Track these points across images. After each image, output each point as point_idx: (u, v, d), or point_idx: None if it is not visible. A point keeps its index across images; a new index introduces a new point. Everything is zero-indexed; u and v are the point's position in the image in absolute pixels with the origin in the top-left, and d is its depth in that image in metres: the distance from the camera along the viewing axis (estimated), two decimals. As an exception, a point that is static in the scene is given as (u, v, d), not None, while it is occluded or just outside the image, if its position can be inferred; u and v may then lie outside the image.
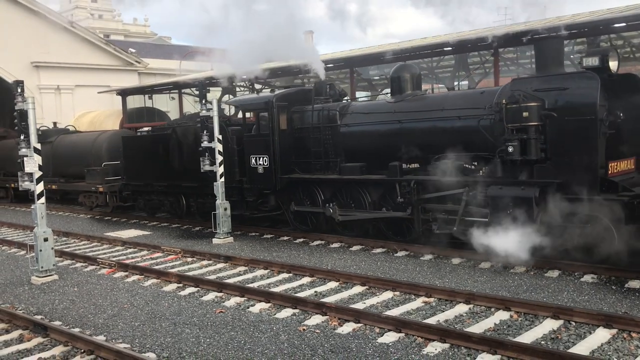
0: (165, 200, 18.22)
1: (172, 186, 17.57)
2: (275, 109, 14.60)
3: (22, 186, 11.85)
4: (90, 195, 21.59)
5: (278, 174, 14.60)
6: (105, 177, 20.58)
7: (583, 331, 7.40)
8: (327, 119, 14.16)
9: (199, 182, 16.14)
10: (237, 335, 7.85)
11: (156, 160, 17.80)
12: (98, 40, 36.26)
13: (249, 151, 15.16)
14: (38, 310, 9.52)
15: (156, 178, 18.04)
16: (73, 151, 23.12)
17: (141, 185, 18.79)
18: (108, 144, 21.93)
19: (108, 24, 65.94)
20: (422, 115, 12.48)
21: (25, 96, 11.46)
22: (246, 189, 15.42)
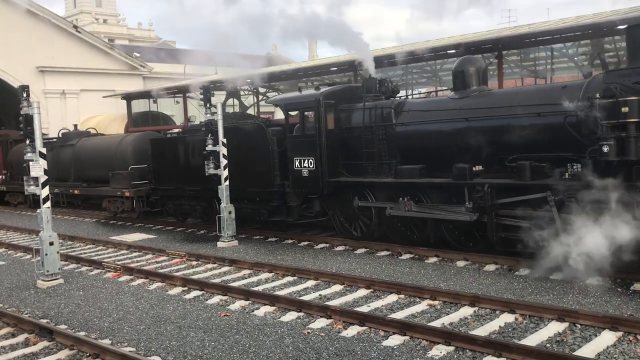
0: (197, 206, 17.29)
1: (205, 190, 16.57)
2: (322, 107, 13.67)
3: (27, 190, 11.88)
4: (115, 201, 20.63)
5: (325, 177, 13.68)
6: (131, 181, 19.67)
7: (589, 334, 7.37)
8: (380, 117, 13.17)
9: (236, 186, 15.42)
10: (242, 339, 7.85)
11: (188, 163, 17.02)
12: (103, 45, 36.44)
13: (292, 153, 14.23)
14: (44, 314, 9.55)
15: (187, 182, 17.21)
16: (96, 154, 22.24)
17: (171, 190, 17.97)
18: (134, 146, 20.92)
19: (113, 29, 66.21)
20: (495, 112, 11.35)
21: (31, 101, 11.51)
22: (288, 193, 14.46)
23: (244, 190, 15.30)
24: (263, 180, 14.86)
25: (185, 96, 30.64)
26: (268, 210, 15.06)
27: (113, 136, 24.49)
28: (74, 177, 22.67)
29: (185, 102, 31.01)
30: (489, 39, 17.87)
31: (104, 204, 21.26)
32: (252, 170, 15.16)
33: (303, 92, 15.07)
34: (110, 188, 20.43)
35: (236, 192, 15.33)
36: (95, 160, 21.99)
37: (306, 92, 15.18)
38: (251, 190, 15.22)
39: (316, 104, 13.72)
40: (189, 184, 17.17)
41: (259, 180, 14.99)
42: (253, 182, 15.04)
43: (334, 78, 27.38)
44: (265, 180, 14.76)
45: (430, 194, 12.37)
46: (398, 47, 23.13)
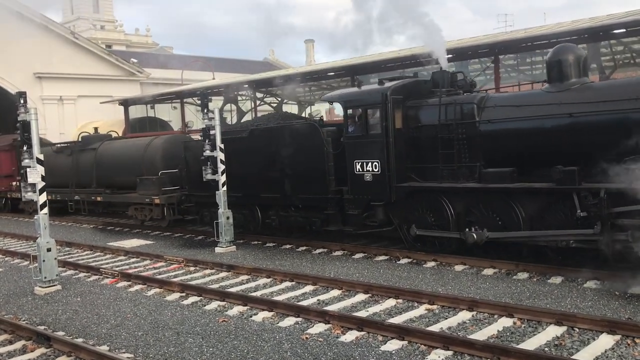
0: (237, 214, 15.78)
1: (246, 197, 15.51)
2: (390, 104, 12.22)
3: (25, 197, 11.87)
4: (143, 208, 19.18)
5: (393, 182, 12.30)
6: (162, 187, 18.27)
7: (587, 337, 7.37)
8: (459, 114, 11.67)
9: (283, 192, 14.52)
10: (240, 345, 7.84)
11: (228, 167, 15.51)
12: (100, 51, 36.51)
13: (353, 155, 12.89)
14: (41, 321, 9.52)
15: (228, 188, 15.72)
16: (121, 159, 20.66)
17: (207, 197, 16.26)
18: (164, 150, 19.46)
19: (110, 35, 66.18)
20: (607, 107, 9.94)
21: (28, 107, 11.52)
22: (348, 200, 13.11)
23: (292, 197, 14.31)
24: (316, 186, 13.66)
25: (182, 102, 30.68)
26: (321, 219, 13.88)
27: (139, 139, 23.08)
28: (96, 183, 21.36)
29: (183, 108, 31.04)
30: (485, 44, 17.95)
31: (130, 211, 19.93)
32: (302, 175, 13.96)
33: (364, 87, 13.67)
34: (138, 194, 19.10)
35: (282, 198, 14.52)
36: (119, 165, 20.49)
37: (368, 87, 13.79)
38: (302, 197, 14.09)
39: (383, 100, 12.29)
40: (229, 190, 15.74)
41: (311, 186, 13.78)
42: (303, 188, 13.91)
43: (332, 83, 27.44)
44: (318, 185, 13.57)
45: (524, 202, 10.92)
46: (395, 51, 23.18)
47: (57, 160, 23.24)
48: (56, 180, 22.43)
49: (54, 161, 22.77)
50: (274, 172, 14.47)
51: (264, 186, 14.97)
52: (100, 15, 68.26)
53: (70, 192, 22.24)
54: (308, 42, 59.74)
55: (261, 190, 15.06)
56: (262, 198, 15.24)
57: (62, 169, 22.81)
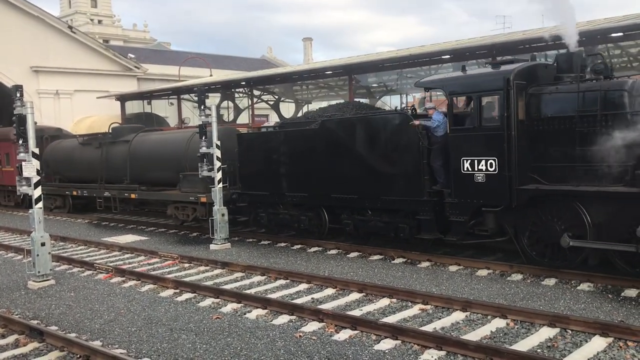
0: (301, 216, 14.49)
1: (312, 197, 14.00)
2: (513, 90, 10.36)
3: (20, 190, 11.82)
4: (185, 207, 17.48)
5: (515, 184, 10.41)
6: (209, 184, 16.44)
7: (579, 339, 7.40)
8: (603, 103, 9.74)
9: (361, 192, 12.91)
10: (234, 342, 7.84)
11: (291, 163, 14.29)
12: (97, 46, 36.39)
13: (460, 152, 11.09)
14: (34, 315, 9.50)
15: (290, 187, 14.44)
16: (159, 153, 18.64)
17: (265, 196, 15.04)
18: None
19: (107, 29, 66.08)
20: None
21: (24, 101, 11.47)
22: (451, 204, 11.28)
23: (373, 199, 12.71)
24: (406, 186, 11.99)
25: (179, 98, 30.64)
26: (411, 225, 12.20)
27: (180, 132, 21.36)
28: (129, 178, 19.53)
29: (180, 104, 31.00)
30: (483, 45, 17.98)
31: (169, 210, 18.12)
32: (388, 173, 12.31)
33: (474, 71, 12.10)
34: (180, 192, 17.34)
35: (360, 200, 12.97)
36: (157, 160, 18.51)
37: (481, 70, 12.00)
38: (387, 199, 12.40)
39: (504, 86, 10.40)
40: (292, 189, 14.38)
41: (400, 186, 12.11)
42: (389, 188, 12.28)
43: (329, 82, 27.45)
44: (409, 185, 11.91)
45: None
46: (393, 51, 23.20)
47: (84, 153, 21.89)
48: (82, 174, 21.77)
49: (80, 154, 22.00)
50: (350, 169, 12.99)
51: (336, 185, 13.39)
52: (98, 10, 68.16)
53: (99, 188, 20.67)
54: (306, 41, 59.74)
55: (332, 189, 13.49)
56: (332, 199, 13.60)
57: (89, 163, 21.41)
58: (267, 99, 32.11)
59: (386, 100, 29.30)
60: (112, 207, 20.02)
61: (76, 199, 22.76)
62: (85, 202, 22.86)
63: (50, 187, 23.14)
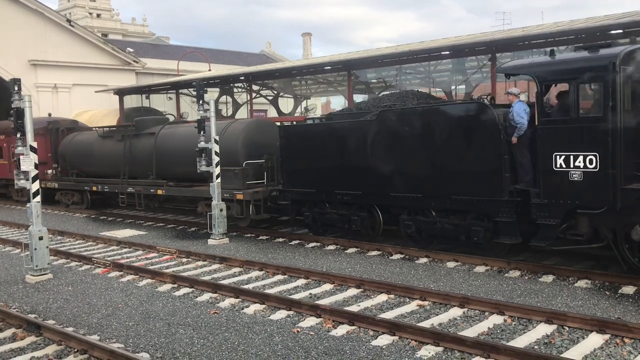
0: (352, 216, 13.42)
1: (369, 195, 12.98)
2: (620, 75, 9.07)
3: (17, 184, 11.80)
4: None
5: (619, 182, 9.22)
6: (245, 180, 15.59)
7: (576, 336, 7.42)
8: None
9: (427, 191, 11.86)
10: (231, 337, 7.84)
11: (343, 159, 13.25)
12: (96, 40, 36.26)
13: (551, 146, 9.85)
14: (32, 309, 9.50)
15: (340, 184, 13.34)
16: (188, 146, 16.94)
17: (311, 194, 14.01)
18: (246, 136, 16.47)
19: (106, 23, 65.86)
20: None
21: (22, 94, 11.43)
22: (538, 205, 10.01)
23: (439, 198, 11.65)
24: (482, 185, 10.91)
25: (178, 92, 30.58)
26: (485, 228, 11.13)
27: None
28: (155, 174, 18.56)
29: (178, 98, 30.95)
30: (483, 41, 17.96)
31: (199, 207, 17.07)
32: (461, 170, 11.24)
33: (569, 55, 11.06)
34: None
35: (423, 200, 11.90)
36: (186, 154, 16.99)
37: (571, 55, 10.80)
38: (457, 199, 11.34)
39: (610, 71, 9.13)
40: (342, 186, 13.31)
41: (474, 184, 11.04)
42: (461, 186, 11.22)
43: (328, 77, 27.42)
44: (486, 184, 10.82)
45: None
46: (392, 47, 23.17)
47: (104, 147, 20.86)
48: (102, 169, 20.92)
49: (99, 147, 21.07)
50: (413, 165, 11.95)
51: (395, 183, 12.32)
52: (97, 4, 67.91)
53: (122, 183, 19.65)
54: (305, 36, 59.60)
55: (391, 187, 12.39)
56: (391, 198, 12.48)
57: (110, 157, 20.44)
58: (266, 94, 32.07)
59: None
60: (136, 203, 19.06)
61: (94, 194, 21.75)
62: (103, 197, 22.08)
63: (67, 182, 22.49)
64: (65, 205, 22.92)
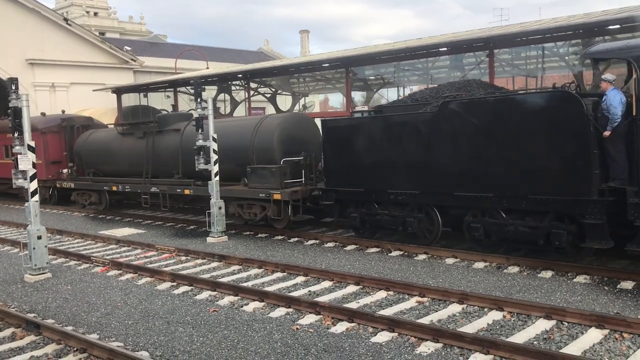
0: (407, 217, 12.39)
1: (428, 195, 11.96)
2: None
3: (15, 184, 11.78)
4: (251, 205, 15.45)
5: None
6: (283, 179, 14.68)
7: (575, 331, 7.43)
8: None
9: (499, 190, 10.77)
10: (231, 334, 7.85)
11: (397, 155, 12.22)
12: (93, 38, 36.19)
13: None
14: (31, 308, 9.49)
15: (394, 182, 12.36)
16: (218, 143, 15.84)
17: (359, 193, 13.08)
18: (282, 131, 15.44)
19: (103, 22, 65.69)
20: None
21: (20, 93, 11.41)
22: (636, 205, 8.92)
23: (514, 198, 10.60)
24: (567, 183, 9.87)
25: (176, 91, 30.53)
26: (568, 231, 10.09)
27: (242, 119, 19.41)
28: (182, 172, 17.63)
29: (176, 97, 30.91)
30: (480, 37, 17.93)
31: (231, 208, 15.92)
32: (539, 167, 10.24)
33: None
34: (248, 188, 15.39)
35: (494, 199, 10.81)
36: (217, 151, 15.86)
37: None
38: (535, 199, 10.30)
39: None
40: (397, 185, 12.32)
41: (557, 183, 10.02)
42: (540, 186, 10.22)
43: (326, 74, 27.39)
44: (572, 182, 9.79)
45: None
46: (390, 44, 23.16)
47: (124, 145, 19.86)
48: (122, 168, 20.00)
49: (119, 145, 20.10)
50: (483, 162, 10.91)
51: (461, 181, 11.27)
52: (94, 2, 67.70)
53: (145, 182, 18.62)
54: (303, 33, 59.51)
55: (455, 186, 11.33)
56: (455, 198, 11.39)
57: (130, 155, 19.51)
58: (264, 91, 32.03)
59: (383, 93, 29.26)
60: (161, 204, 17.98)
61: (113, 194, 20.72)
62: (122, 198, 21.29)
63: (84, 182, 21.42)
64: (81, 205, 21.96)
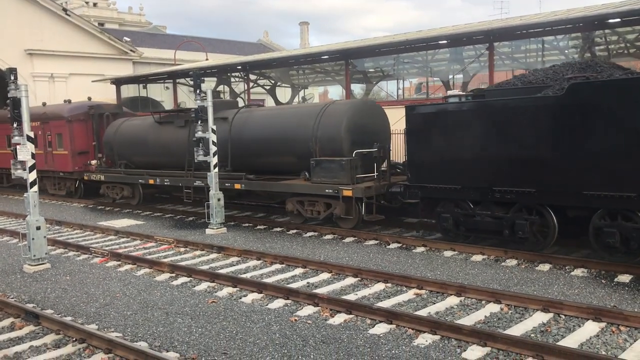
0: (516, 219, 10.82)
1: (546, 194, 10.36)
2: None
3: (14, 174, 11.77)
4: (314, 202, 14.07)
5: None
6: (354, 173, 13.38)
7: (572, 324, 7.46)
8: None
9: None
10: (229, 325, 7.87)
11: (507, 147, 10.66)
12: (92, 29, 36.06)
13: None
14: (30, 299, 9.52)
15: (502, 179, 10.80)
16: (274, 132, 15.17)
17: (454, 190, 11.56)
18: (350, 119, 13.93)
19: (103, 12, 65.43)
20: None
21: (19, 84, 11.39)
22: None
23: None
24: None
25: (175, 82, 30.47)
26: None
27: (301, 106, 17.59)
28: (231, 165, 16.12)
29: (175, 88, 30.84)
30: (480, 30, 17.90)
31: (289, 205, 14.66)
32: None
33: None
34: (309, 182, 14.10)
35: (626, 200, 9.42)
36: (273, 142, 15.04)
37: None
38: None
39: None
40: (503, 181, 10.78)
41: None
42: None
43: (325, 67, 27.34)
44: None
45: None
46: (390, 36, 23.09)
47: (162, 134, 17.96)
48: (158, 159, 18.32)
49: (156, 135, 18.44)
50: (621, 154, 9.42)
51: (594, 178, 9.72)
52: (93, -7, 67.38)
53: (187, 176, 17.06)
54: (303, 25, 59.31)
55: (585, 183, 9.78)
56: (585, 197, 9.83)
57: (169, 146, 17.95)
58: (263, 83, 31.96)
59: (383, 85, 29.23)
60: (206, 199, 15.68)
61: (147, 188, 19.35)
62: (155, 191, 19.93)
63: (116, 175, 19.80)
64: (112, 200, 20.47)
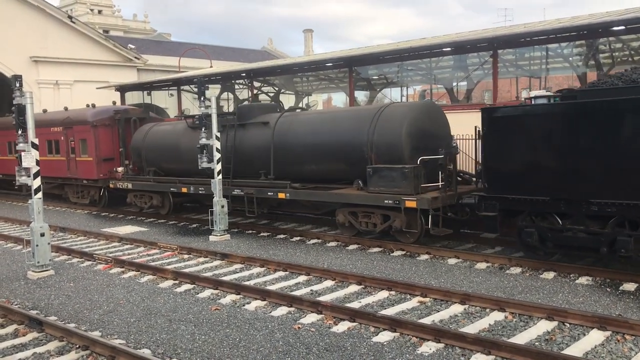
0: (618, 235, 9.43)
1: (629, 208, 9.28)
2: None
3: (19, 181, 11.80)
4: (369, 213, 13.00)
5: None
6: (419, 182, 12.25)
7: (577, 333, 7.42)
8: None
9: None
10: (233, 333, 7.86)
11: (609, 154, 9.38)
12: (97, 36, 36.26)
13: None
14: (34, 305, 9.52)
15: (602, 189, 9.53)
16: (324, 138, 14.08)
17: (541, 203, 10.27)
18: (411, 123, 12.81)
19: (108, 20, 65.82)
20: None
21: (24, 91, 11.43)
22: None
23: None
24: None
25: (179, 89, 30.56)
26: None
27: (353, 109, 16.59)
28: (274, 172, 15.17)
29: (180, 95, 30.92)
30: (484, 38, 17.90)
31: (339, 216, 13.60)
32: None
33: None
34: (364, 192, 13.02)
35: None
36: (321, 147, 14.01)
37: None
38: None
39: None
40: (603, 192, 9.51)
41: None
42: None
43: (329, 74, 27.39)
44: None
45: None
46: (393, 44, 23.14)
47: (196, 140, 15.76)
48: (192, 167, 16.55)
49: (189, 141, 17.02)
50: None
51: None
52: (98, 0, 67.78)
53: (226, 184, 15.83)
54: (307, 32, 59.48)
55: None
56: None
57: None
58: (267, 90, 32.04)
59: (386, 93, 29.26)
60: (246, 209, 15.35)
61: (177, 197, 18.31)
62: (185, 200, 18.92)
63: (145, 183, 18.73)
64: (139, 209, 19.48)
